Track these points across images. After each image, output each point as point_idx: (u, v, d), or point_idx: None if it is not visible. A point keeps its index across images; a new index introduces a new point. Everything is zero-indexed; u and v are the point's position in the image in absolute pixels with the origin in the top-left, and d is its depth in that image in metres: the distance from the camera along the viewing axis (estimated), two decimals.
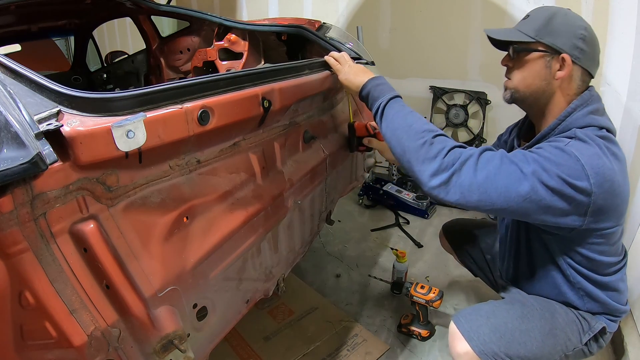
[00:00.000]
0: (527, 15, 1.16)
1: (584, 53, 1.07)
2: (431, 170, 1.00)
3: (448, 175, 0.98)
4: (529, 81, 1.14)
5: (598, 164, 0.98)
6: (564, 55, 1.07)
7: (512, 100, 1.21)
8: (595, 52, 1.10)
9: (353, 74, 1.28)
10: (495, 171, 0.98)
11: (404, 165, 1.09)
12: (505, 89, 1.21)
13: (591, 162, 0.97)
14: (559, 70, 1.08)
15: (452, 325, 1.16)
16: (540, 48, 1.10)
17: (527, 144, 1.16)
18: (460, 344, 1.12)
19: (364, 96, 1.24)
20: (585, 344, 1.16)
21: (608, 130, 1.08)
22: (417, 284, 1.70)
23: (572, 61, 1.07)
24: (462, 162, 0.99)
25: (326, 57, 1.37)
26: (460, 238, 1.66)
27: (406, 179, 3.10)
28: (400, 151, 1.08)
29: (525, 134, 1.30)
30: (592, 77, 1.12)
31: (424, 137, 1.04)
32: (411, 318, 1.75)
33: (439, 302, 1.64)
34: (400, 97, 1.19)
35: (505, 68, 1.22)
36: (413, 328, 1.71)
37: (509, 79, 1.19)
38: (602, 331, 1.17)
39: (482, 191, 0.98)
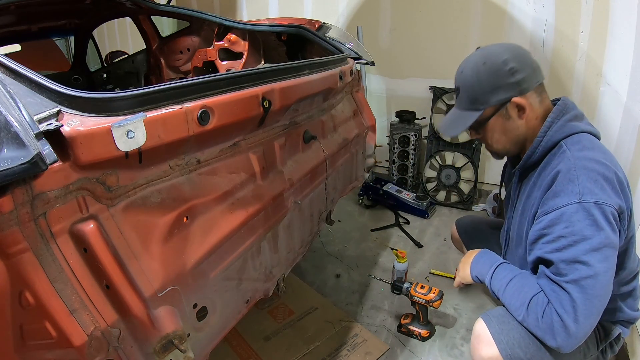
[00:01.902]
0: (457, 89, 1.18)
1: (525, 79, 1.09)
2: (548, 339, 1.00)
3: (562, 334, 0.97)
4: (502, 139, 1.18)
5: (607, 175, 1.00)
6: (513, 100, 1.09)
7: (500, 157, 1.27)
8: (531, 66, 1.10)
9: (462, 272, 1.31)
10: (586, 301, 0.95)
11: None
12: (489, 151, 1.27)
13: (601, 180, 0.99)
14: (518, 112, 1.12)
15: (482, 326, 1.13)
16: (489, 112, 1.13)
17: (517, 167, 1.22)
18: (486, 347, 1.09)
19: (478, 282, 1.26)
20: (602, 351, 1.17)
21: (591, 134, 1.10)
22: (417, 284, 1.70)
23: (523, 96, 1.10)
24: (560, 320, 0.96)
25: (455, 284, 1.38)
26: (472, 232, 1.66)
27: (406, 179, 3.10)
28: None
29: (514, 159, 1.30)
30: (542, 81, 1.14)
31: (520, 313, 1.05)
32: (411, 318, 1.75)
33: (439, 302, 1.64)
34: (499, 265, 1.19)
35: None
36: (413, 328, 1.71)
37: (486, 144, 1.24)
38: (617, 337, 1.17)
39: (590, 314, 0.96)
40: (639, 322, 1.52)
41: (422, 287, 1.68)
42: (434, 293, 1.65)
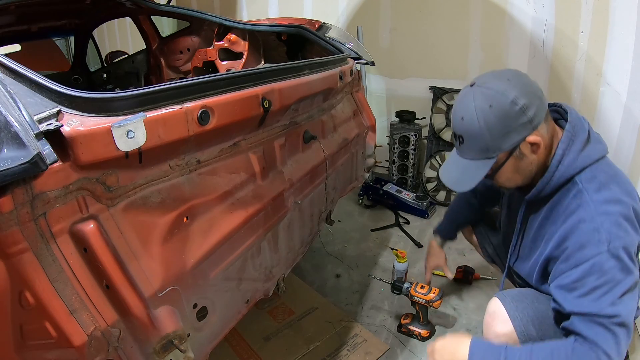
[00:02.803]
0: (460, 137, 1.07)
1: (537, 114, 1.01)
2: None
3: None
4: (514, 178, 1.11)
5: (627, 214, 0.98)
6: (527, 139, 1.02)
7: (510, 191, 1.21)
8: (537, 95, 1.02)
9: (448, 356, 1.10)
10: (626, 336, 0.95)
11: None
12: (498, 186, 1.18)
13: (620, 219, 0.98)
14: (532, 148, 1.04)
15: (497, 304, 1.15)
16: (502, 158, 1.05)
17: (526, 198, 1.15)
18: (501, 324, 1.12)
19: None
20: None
21: (602, 157, 1.07)
22: (417, 284, 1.69)
23: (536, 131, 1.02)
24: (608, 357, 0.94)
25: None
26: (483, 223, 1.66)
27: (406, 179, 3.10)
28: None
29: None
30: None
31: None
32: (411, 318, 1.75)
33: (439, 302, 1.64)
34: (507, 351, 1.01)
35: None
36: (413, 328, 1.71)
37: (495, 182, 1.15)
38: None
39: (627, 344, 0.96)
40: (638, 321, 1.52)
41: (422, 287, 1.68)
42: (434, 293, 1.64)
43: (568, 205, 1.05)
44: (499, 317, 1.14)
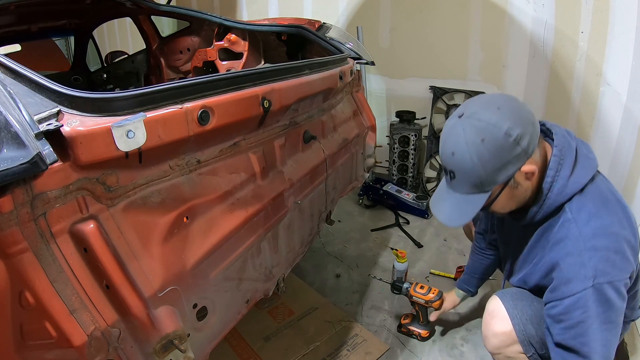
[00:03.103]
0: (451, 172, 1.01)
1: (531, 142, 0.96)
2: None
3: None
4: (508, 205, 1.08)
5: (617, 247, 0.97)
6: (522, 169, 0.98)
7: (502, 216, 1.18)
8: (530, 121, 0.97)
9: None
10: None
11: None
12: (496, 213, 1.18)
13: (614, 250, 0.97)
14: (526, 176, 1.00)
15: (496, 302, 1.15)
16: (497, 190, 1.01)
17: (519, 223, 1.13)
18: (500, 323, 1.12)
19: None
20: None
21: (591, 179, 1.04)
22: (416, 284, 1.69)
23: (530, 159, 0.98)
24: None
25: None
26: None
27: (406, 179, 3.10)
28: None
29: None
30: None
31: None
32: (411, 318, 1.75)
33: (438, 302, 1.63)
34: None
35: None
36: (413, 328, 1.71)
37: (492, 211, 1.12)
38: None
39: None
40: (639, 321, 1.52)
41: (421, 287, 1.68)
42: (433, 293, 1.64)
43: (556, 234, 1.04)
44: (498, 316, 1.14)
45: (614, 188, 1.09)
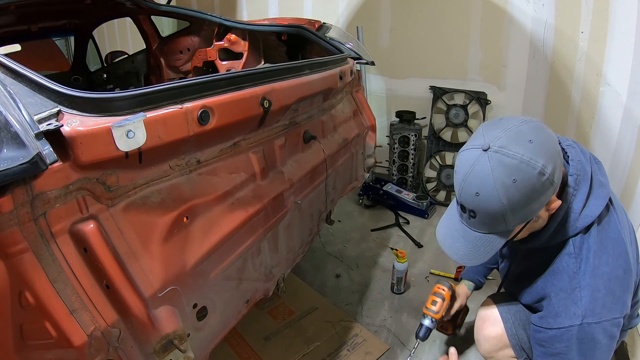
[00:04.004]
0: (472, 212, 0.91)
1: (558, 174, 0.89)
2: None
3: None
4: (524, 234, 1.01)
5: (613, 288, 0.95)
6: (547, 205, 0.92)
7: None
8: (558, 153, 0.90)
9: None
10: None
11: None
12: None
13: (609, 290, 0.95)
14: (549, 208, 0.94)
15: (489, 307, 1.15)
16: (520, 227, 0.94)
17: (523, 246, 1.08)
18: (491, 326, 1.12)
19: None
20: None
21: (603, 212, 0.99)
22: (425, 308, 1.44)
23: (555, 193, 0.92)
24: None
25: None
26: None
27: (406, 179, 3.10)
28: None
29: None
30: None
31: None
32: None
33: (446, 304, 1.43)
34: None
35: None
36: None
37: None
38: None
39: None
40: None
41: (432, 303, 1.42)
42: (441, 302, 1.41)
43: (555, 264, 1.02)
44: (490, 319, 1.14)
45: (624, 218, 1.05)
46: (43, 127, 0.62)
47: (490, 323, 1.14)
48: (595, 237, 0.98)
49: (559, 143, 0.99)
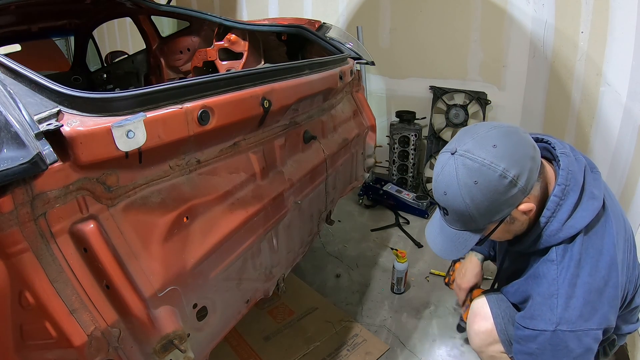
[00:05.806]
0: (445, 209, 0.99)
1: (529, 179, 0.91)
2: None
3: None
4: (507, 236, 1.07)
5: (591, 299, 0.95)
6: (519, 208, 0.94)
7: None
8: (530, 156, 0.92)
9: None
10: None
11: None
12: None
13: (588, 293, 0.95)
14: (523, 213, 0.96)
15: (481, 302, 1.17)
16: (492, 227, 0.99)
17: (511, 248, 1.13)
18: (481, 321, 1.14)
19: None
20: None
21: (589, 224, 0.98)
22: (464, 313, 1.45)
23: (528, 196, 0.94)
24: None
25: None
26: None
27: (406, 179, 3.10)
28: None
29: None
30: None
31: None
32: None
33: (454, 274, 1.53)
34: None
35: None
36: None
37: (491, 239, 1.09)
38: (612, 343, 1.17)
39: None
40: None
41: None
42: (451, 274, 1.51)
43: (537, 268, 1.03)
44: (480, 314, 1.16)
45: (622, 226, 1.04)
46: (43, 127, 0.62)
47: (481, 318, 1.16)
48: (580, 247, 0.97)
49: (553, 147, 1.04)
